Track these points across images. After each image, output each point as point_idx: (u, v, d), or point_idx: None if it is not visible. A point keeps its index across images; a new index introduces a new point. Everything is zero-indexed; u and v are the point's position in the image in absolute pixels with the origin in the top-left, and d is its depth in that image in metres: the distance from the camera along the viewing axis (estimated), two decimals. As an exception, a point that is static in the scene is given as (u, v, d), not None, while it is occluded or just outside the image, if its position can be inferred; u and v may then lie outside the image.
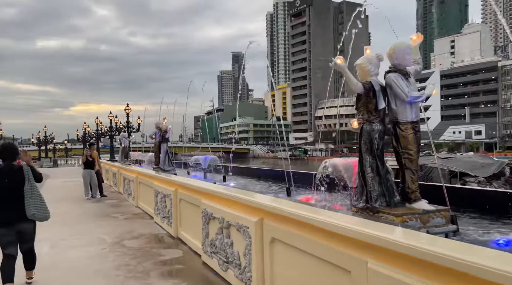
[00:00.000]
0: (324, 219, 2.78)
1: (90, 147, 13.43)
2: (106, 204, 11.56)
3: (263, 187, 10.09)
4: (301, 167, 68.04)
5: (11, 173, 4.44)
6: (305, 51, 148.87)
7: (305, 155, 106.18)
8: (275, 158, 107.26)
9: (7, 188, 4.38)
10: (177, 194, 6.76)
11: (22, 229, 4.43)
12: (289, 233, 3.31)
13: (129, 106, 23.63)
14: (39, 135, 47.68)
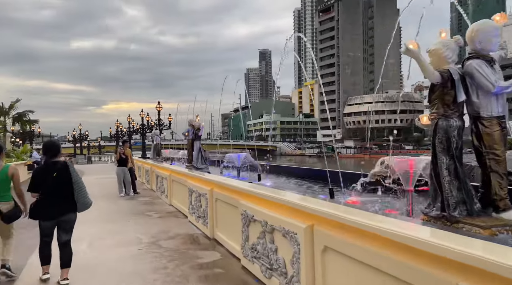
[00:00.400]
0: (396, 230, 2.43)
1: (123, 144, 13.52)
2: (140, 202, 11.58)
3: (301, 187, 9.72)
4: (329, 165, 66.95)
5: (57, 169, 4.62)
6: (334, 47, 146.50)
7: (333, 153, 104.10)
8: (302, 155, 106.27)
9: (54, 184, 4.57)
10: (213, 194, 6.54)
11: (65, 220, 4.68)
12: (346, 243, 2.98)
13: (160, 104, 23.84)
14: (75, 133, 49.23)
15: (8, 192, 4.87)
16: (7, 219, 4.78)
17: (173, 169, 10.51)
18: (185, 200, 8.61)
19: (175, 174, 10.08)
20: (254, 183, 7.54)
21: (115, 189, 13.90)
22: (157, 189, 12.74)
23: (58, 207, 4.60)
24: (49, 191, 4.58)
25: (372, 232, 2.67)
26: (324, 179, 7.51)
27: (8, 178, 4.83)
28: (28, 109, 27.35)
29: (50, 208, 4.56)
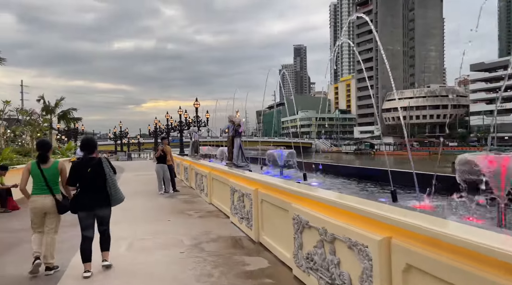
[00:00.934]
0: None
1: (162, 141, 13.38)
2: (179, 200, 11.35)
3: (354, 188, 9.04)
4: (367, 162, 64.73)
5: (91, 164, 4.86)
6: (371, 41, 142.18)
7: (372, 149, 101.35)
8: (338, 152, 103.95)
9: (89, 178, 4.83)
10: (258, 194, 6.06)
11: (99, 213, 4.94)
12: (440, 263, 2.37)
13: (197, 100, 23.76)
14: (116, 130, 50.76)
15: (57, 185, 5.15)
16: (62, 209, 5.05)
17: (213, 167, 10.17)
18: (227, 199, 8.22)
19: (216, 172, 9.72)
20: (300, 183, 6.98)
21: (154, 186, 13.82)
22: (197, 187, 12.49)
23: (93, 200, 4.85)
24: (85, 185, 4.87)
25: (482, 254, 2.06)
26: (378, 179, 6.82)
27: (58, 172, 5.13)
28: (71, 107, 28.45)
29: (86, 201, 4.83)
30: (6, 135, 14.78)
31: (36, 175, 5.03)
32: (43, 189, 5.00)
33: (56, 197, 5.02)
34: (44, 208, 4.99)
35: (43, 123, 17.04)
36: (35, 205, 5.00)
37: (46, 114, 24.06)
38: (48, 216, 5.03)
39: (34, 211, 5.03)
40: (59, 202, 5.01)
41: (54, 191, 5.03)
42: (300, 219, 4.28)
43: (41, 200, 4.98)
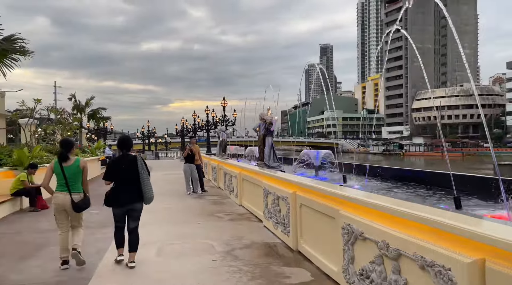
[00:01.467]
0: None
1: (190, 140, 13.05)
2: (208, 201, 10.96)
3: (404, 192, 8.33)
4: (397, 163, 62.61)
5: (126, 161, 5.08)
6: (401, 38, 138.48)
7: (401, 150, 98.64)
8: (366, 152, 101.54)
9: (123, 175, 5.04)
10: (296, 198, 5.53)
11: (133, 208, 5.11)
12: None
13: (225, 99, 23.47)
14: (143, 129, 51.44)
15: (79, 183, 5.22)
16: (78, 209, 5.12)
17: (244, 167, 9.71)
18: (259, 201, 7.73)
19: (246, 172, 9.25)
20: (335, 184, 6.40)
21: (182, 186, 13.53)
22: (225, 188, 12.08)
23: (127, 196, 5.02)
24: (120, 181, 5.05)
25: None
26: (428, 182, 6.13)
27: (79, 170, 5.22)
28: (101, 107, 28.87)
29: (120, 196, 5.02)
30: (37, 133, 14.90)
31: (58, 173, 5.14)
32: (64, 186, 5.11)
33: (73, 196, 5.08)
34: (64, 205, 5.09)
35: (73, 122, 17.13)
36: (56, 201, 5.12)
37: (77, 113, 24.47)
38: (69, 213, 5.16)
39: (55, 207, 5.16)
40: (74, 202, 5.08)
41: (72, 189, 5.11)
42: (351, 229, 3.73)
43: (62, 197, 5.09)
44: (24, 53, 9.57)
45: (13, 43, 9.39)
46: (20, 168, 10.22)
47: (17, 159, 10.28)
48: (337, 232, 4.02)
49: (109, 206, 5.13)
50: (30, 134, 13.74)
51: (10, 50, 9.26)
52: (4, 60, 9.31)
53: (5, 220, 8.57)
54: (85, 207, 5.20)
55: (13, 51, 9.39)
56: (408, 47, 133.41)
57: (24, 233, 7.22)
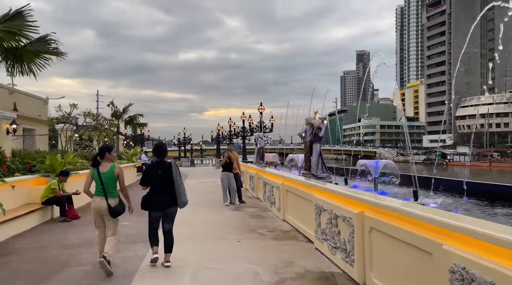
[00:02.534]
0: None
1: (228, 147, 12.15)
2: (247, 213, 9.98)
3: (496, 213, 6.94)
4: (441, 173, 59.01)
5: (162, 167, 5.32)
6: (444, 43, 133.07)
7: (444, 160, 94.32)
8: (406, 162, 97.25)
9: (159, 180, 5.27)
10: (365, 220, 4.42)
11: (168, 212, 5.35)
12: None
13: (262, 105, 22.58)
14: (180, 136, 51.61)
15: (114, 189, 5.33)
16: (114, 213, 5.25)
17: (288, 177, 8.67)
18: (308, 218, 6.66)
19: (292, 184, 8.18)
20: (410, 202, 5.19)
21: (218, 196, 12.69)
22: (265, 199, 11.06)
23: (162, 200, 5.26)
24: (155, 186, 5.29)
25: None
26: None
27: (114, 177, 5.32)
28: (138, 113, 28.84)
29: (156, 201, 5.26)
30: (73, 138, 14.63)
31: (96, 179, 5.29)
32: (101, 191, 5.25)
33: (109, 201, 5.20)
34: (101, 210, 5.24)
35: (109, 128, 16.82)
36: (94, 205, 5.29)
37: (114, 119, 24.46)
38: (105, 217, 5.29)
39: (93, 211, 5.31)
40: (110, 206, 5.21)
41: (108, 195, 5.23)
42: (467, 274, 2.58)
43: (98, 201, 5.24)
44: (57, 55, 9.10)
45: (46, 44, 8.94)
46: (52, 175, 9.73)
47: (50, 165, 9.80)
48: (440, 275, 2.88)
49: (146, 210, 5.37)
50: (66, 140, 13.47)
51: (43, 51, 8.79)
52: (35, 60, 8.83)
53: (33, 231, 8.00)
54: (120, 212, 5.34)
55: (45, 52, 8.92)
56: (452, 52, 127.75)
57: (49, 248, 6.55)
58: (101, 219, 5.31)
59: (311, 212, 6.47)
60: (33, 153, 11.02)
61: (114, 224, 5.33)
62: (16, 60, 8.64)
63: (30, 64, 8.93)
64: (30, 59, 8.89)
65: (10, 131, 10.68)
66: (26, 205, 8.95)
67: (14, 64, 8.75)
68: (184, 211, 9.87)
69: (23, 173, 9.79)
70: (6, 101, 17.86)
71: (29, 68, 8.96)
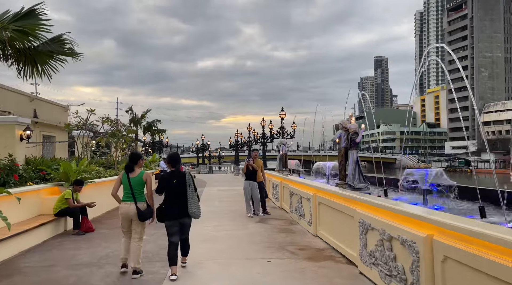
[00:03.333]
0: None
1: (251, 153, 11.32)
2: (273, 227, 9.14)
3: None
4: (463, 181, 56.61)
5: (176, 177, 5.32)
6: (466, 48, 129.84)
7: (467, 167, 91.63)
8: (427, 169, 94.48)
9: (173, 189, 5.28)
10: (434, 245, 3.54)
11: (183, 222, 5.37)
12: None
13: (283, 110, 21.78)
14: (198, 143, 51.20)
15: (142, 194, 5.49)
16: (142, 217, 5.38)
17: (321, 188, 7.80)
18: (348, 236, 5.80)
19: (326, 195, 7.31)
20: (475, 220, 4.27)
21: (240, 205, 11.95)
22: (292, 210, 10.21)
23: (177, 210, 5.26)
24: (170, 196, 5.31)
25: None
26: None
27: (143, 182, 5.48)
28: (156, 119, 28.45)
29: (171, 210, 5.27)
30: (89, 145, 14.14)
31: (125, 183, 5.45)
32: (129, 196, 5.39)
33: (138, 205, 5.37)
34: (129, 214, 5.38)
35: (127, 134, 16.31)
36: (122, 210, 5.43)
37: (133, 125, 24.10)
38: (133, 222, 5.43)
39: (122, 216, 5.45)
40: (140, 210, 5.37)
41: (137, 199, 5.39)
42: None
43: (127, 206, 5.38)
44: (72, 55, 8.56)
45: (61, 45, 8.41)
46: (66, 184, 9.14)
47: (63, 173, 9.22)
48: None
49: (161, 221, 5.37)
50: (82, 146, 12.98)
51: (57, 52, 8.25)
52: (49, 61, 8.30)
53: (42, 246, 7.37)
54: (149, 216, 5.45)
55: (60, 53, 8.39)
56: (474, 57, 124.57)
57: (57, 267, 5.86)
58: (128, 224, 5.47)
59: (352, 229, 5.61)
60: (48, 160, 10.49)
61: (142, 228, 5.50)
62: (28, 61, 8.12)
63: (43, 66, 8.42)
64: (43, 60, 8.39)
65: (24, 138, 10.20)
66: (38, 217, 8.37)
67: (26, 66, 8.25)
68: (205, 223, 9.13)
69: (36, 182, 9.26)
70: (26, 108, 17.68)
71: (43, 70, 8.45)
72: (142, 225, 5.48)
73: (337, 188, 7.57)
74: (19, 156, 9.72)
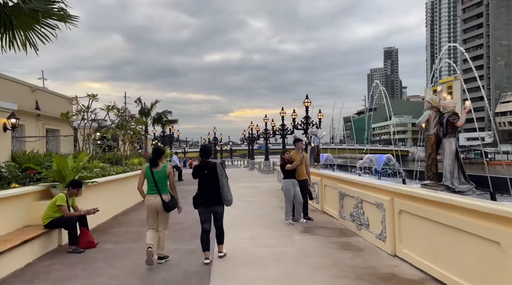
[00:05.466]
0: None
1: (295, 144, 9.11)
2: (327, 240, 7.03)
3: None
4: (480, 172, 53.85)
5: (208, 167, 5.65)
6: (481, 36, 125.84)
7: (483, 158, 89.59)
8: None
9: (205, 179, 5.64)
10: None
11: (215, 210, 5.69)
12: None
13: (308, 97, 19.55)
14: (210, 136, 48.97)
15: (166, 186, 5.73)
16: (167, 207, 5.64)
17: (401, 190, 5.64)
18: (471, 265, 3.69)
19: (416, 202, 5.17)
20: None
21: (270, 208, 9.93)
22: (344, 216, 8.09)
23: (209, 198, 5.62)
24: (202, 185, 5.67)
25: None
26: None
27: (166, 175, 5.74)
28: (166, 110, 26.30)
29: (204, 199, 5.64)
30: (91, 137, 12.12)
31: (148, 177, 5.69)
32: (154, 189, 5.63)
33: (163, 197, 5.61)
34: (156, 206, 5.61)
35: (136, 125, 14.31)
36: (148, 203, 5.63)
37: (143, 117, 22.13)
38: (159, 213, 5.67)
39: (148, 209, 5.66)
40: (165, 201, 5.60)
41: (161, 192, 5.63)
42: None
43: (152, 199, 5.62)
44: (64, 19, 6.47)
45: (47, 3, 6.32)
46: (60, 186, 7.13)
47: (57, 171, 7.21)
48: None
49: (196, 207, 5.71)
50: (83, 138, 11.01)
51: (43, 12, 6.17)
52: (35, 26, 6.26)
53: (24, 273, 5.38)
54: (173, 206, 5.70)
55: (48, 15, 6.32)
56: (490, 45, 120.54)
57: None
58: (154, 216, 5.65)
59: (481, 255, 3.50)
60: (40, 156, 8.50)
61: (167, 218, 5.76)
62: (4, 24, 6.08)
63: (26, 32, 6.37)
64: (26, 25, 6.33)
65: (8, 127, 8.23)
66: (23, 230, 6.39)
67: (4, 33, 6.21)
68: (237, 234, 7.15)
69: (23, 183, 7.28)
70: (27, 99, 15.86)
71: (26, 38, 6.40)
72: (167, 216, 5.74)
73: (424, 190, 5.42)
74: (2, 150, 7.77)
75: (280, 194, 14.59)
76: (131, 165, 13.67)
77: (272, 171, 26.22)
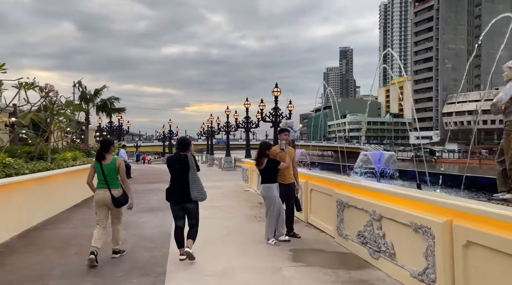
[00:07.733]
0: None
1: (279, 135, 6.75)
2: (328, 275, 4.82)
3: None
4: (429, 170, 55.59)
5: (179, 161, 5.37)
6: (431, 39, 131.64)
7: (432, 157, 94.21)
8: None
9: (177, 173, 5.35)
10: None
11: (186, 207, 5.35)
12: None
13: (277, 86, 17.41)
14: (164, 129, 45.38)
15: (116, 180, 5.47)
16: (117, 203, 5.40)
17: (471, 209, 3.54)
18: None
19: (495, 229, 3.12)
20: None
21: (239, 217, 7.68)
22: (347, 235, 5.95)
23: (180, 194, 5.28)
24: (174, 180, 5.37)
25: None
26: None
27: (116, 168, 5.47)
28: (113, 96, 22.74)
29: (175, 194, 5.33)
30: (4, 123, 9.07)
31: (98, 171, 5.43)
32: (103, 183, 5.39)
33: (112, 192, 5.35)
34: (105, 201, 5.37)
35: (72, 111, 11.36)
36: (97, 198, 5.41)
37: (84, 103, 18.75)
38: (110, 209, 5.44)
39: (96, 204, 5.42)
40: (114, 197, 5.34)
41: (111, 186, 5.37)
42: None
43: (102, 193, 5.38)
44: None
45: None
46: None
47: None
48: None
49: (168, 201, 5.45)
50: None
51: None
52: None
53: None
54: (124, 202, 5.46)
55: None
56: (439, 48, 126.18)
57: None
58: (104, 213, 5.42)
59: None
60: None
61: (118, 213, 5.54)
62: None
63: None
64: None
65: None
66: None
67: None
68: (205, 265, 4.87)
69: None
70: None
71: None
72: (119, 211, 5.54)
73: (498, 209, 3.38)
74: None
75: (249, 196, 12.28)
76: (62, 160, 10.75)
77: (233, 168, 24.04)
